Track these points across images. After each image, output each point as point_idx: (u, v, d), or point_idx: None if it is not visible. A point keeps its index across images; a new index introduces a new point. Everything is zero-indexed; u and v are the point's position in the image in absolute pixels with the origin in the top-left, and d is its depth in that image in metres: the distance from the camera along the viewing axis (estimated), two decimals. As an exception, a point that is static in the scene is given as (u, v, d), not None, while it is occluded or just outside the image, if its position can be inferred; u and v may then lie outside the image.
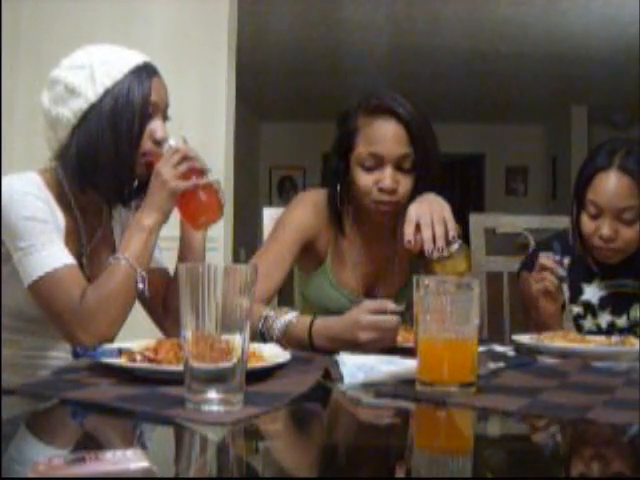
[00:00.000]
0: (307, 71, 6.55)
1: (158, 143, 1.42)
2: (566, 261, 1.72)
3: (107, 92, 1.38)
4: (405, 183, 1.64)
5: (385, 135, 1.63)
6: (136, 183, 1.48)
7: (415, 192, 1.64)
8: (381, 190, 1.64)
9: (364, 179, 1.65)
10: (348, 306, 1.69)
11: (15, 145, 2.75)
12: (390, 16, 5.03)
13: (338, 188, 1.72)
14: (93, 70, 1.39)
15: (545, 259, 1.73)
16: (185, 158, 1.39)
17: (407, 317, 1.47)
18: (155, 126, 1.42)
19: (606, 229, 1.73)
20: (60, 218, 1.40)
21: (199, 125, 2.81)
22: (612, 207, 1.73)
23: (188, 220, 1.47)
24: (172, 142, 1.42)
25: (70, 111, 1.39)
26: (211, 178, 1.42)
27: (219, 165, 2.82)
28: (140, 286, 1.35)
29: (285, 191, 8.91)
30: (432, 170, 1.66)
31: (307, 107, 8.00)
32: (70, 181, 1.43)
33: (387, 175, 1.62)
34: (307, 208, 1.75)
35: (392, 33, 5.44)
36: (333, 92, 6.64)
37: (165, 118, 1.47)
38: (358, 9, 4.85)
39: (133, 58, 1.43)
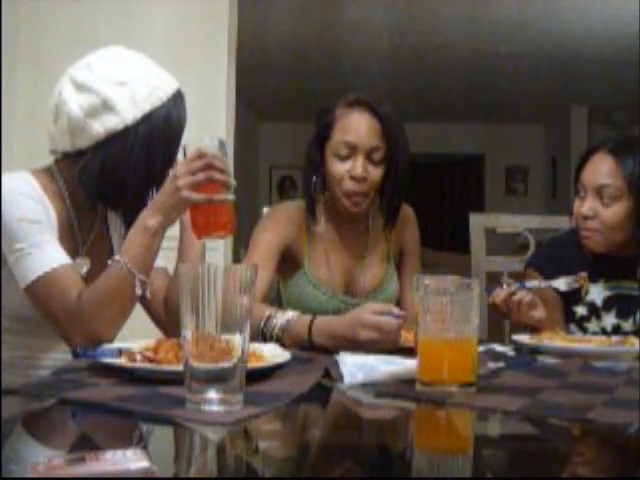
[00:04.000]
0: (307, 71, 6.53)
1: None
2: (513, 287, 1.66)
3: (145, 117, 1.36)
4: (374, 174, 1.73)
5: (359, 126, 1.73)
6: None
7: (383, 185, 1.76)
8: (352, 178, 1.72)
9: (337, 167, 1.74)
10: (330, 304, 1.73)
11: (15, 145, 2.75)
12: (390, 16, 5.02)
13: (314, 179, 1.79)
14: (134, 92, 1.35)
15: (495, 298, 1.65)
16: (207, 167, 1.28)
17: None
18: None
19: (584, 207, 1.78)
20: (54, 218, 1.38)
21: (199, 125, 2.81)
22: (592, 183, 1.77)
23: (194, 229, 1.37)
24: (207, 142, 1.31)
25: (102, 126, 1.35)
26: (229, 196, 1.30)
27: (219, 165, 2.82)
28: (139, 292, 1.31)
29: (285, 191, 8.90)
30: (400, 166, 1.76)
31: (307, 107, 7.96)
32: (86, 194, 1.41)
33: (358, 164, 1.71)
34: (281, 216, 1.82)
35: (392, 33, 5.43)
36: (333, 92, 6.61)
37: None
38: (358, 9, 4.84)
39: (170, 85, 1.41)
